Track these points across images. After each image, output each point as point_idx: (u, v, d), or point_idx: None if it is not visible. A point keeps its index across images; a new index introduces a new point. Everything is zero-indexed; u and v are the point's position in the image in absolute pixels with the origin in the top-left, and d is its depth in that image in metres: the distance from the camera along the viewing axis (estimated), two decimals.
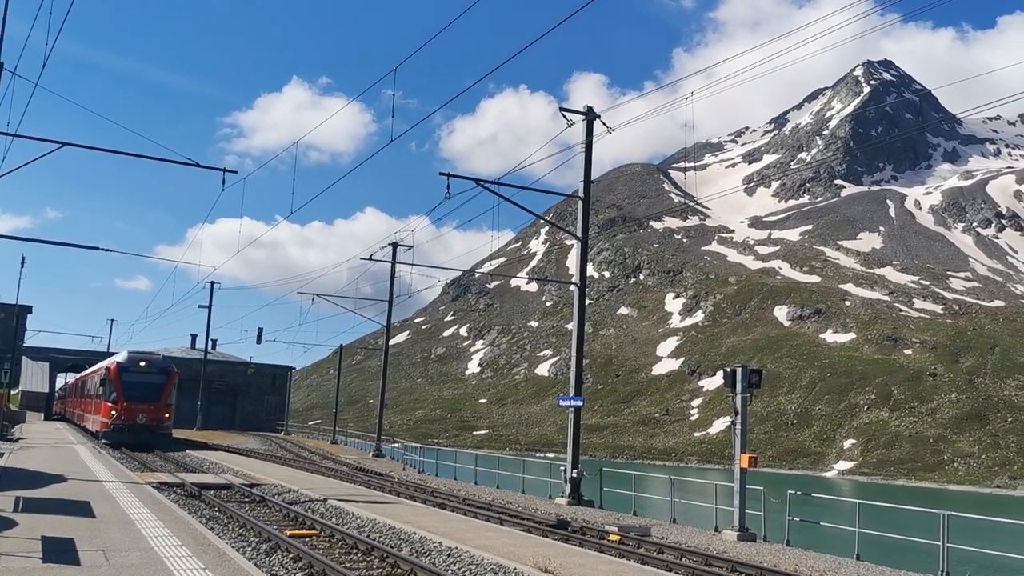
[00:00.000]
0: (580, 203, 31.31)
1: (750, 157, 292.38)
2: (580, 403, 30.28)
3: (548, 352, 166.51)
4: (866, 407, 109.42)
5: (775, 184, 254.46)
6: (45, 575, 10.28)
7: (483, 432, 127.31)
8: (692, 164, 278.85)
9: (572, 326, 31.39)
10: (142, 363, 43.38)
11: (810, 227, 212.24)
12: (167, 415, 43.44)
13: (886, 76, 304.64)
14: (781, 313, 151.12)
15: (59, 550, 11.92)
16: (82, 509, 16.48)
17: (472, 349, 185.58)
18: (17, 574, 10.22)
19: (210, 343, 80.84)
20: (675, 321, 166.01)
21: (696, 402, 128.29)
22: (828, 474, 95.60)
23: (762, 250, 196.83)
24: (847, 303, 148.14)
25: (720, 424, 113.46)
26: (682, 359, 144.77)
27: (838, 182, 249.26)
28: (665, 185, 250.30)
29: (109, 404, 41.84)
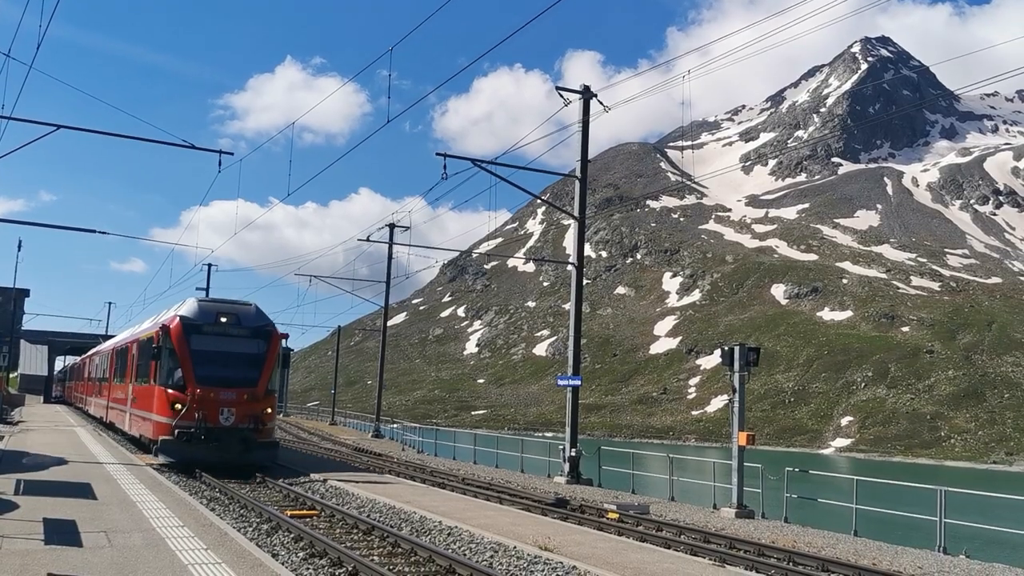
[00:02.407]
0: (577, 183, 31.24)
1: (747, 135, 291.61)
2: (578, 382, 30.32)
3: (546, 332, 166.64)
4: (863, 384, 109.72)
5: (772, 162, 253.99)
6: (47, 557, 10.32)
7: (481, 412, 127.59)
8: (689, 143, 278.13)
9: (570, 306, 31.39)
10: (224, 318, 24.38)
11: (807, 205, 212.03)
12: (269, 410, 24.29)
13: (883, 53, 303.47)
14: (778, 291, 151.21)
15: (61, 532, 11.97)
16: (83, 491, 16.53)
17: (470, 330, 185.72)
18: (19, 556, 10.26)
19: None
20: (672, 300, 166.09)
21: (694, 381, 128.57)
22: (825, 451, 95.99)
23: (759, 228, 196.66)
24: (844, 281, 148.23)
25: (718, 402, 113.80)
26: (679, 338, 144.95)
27: (835, 160, 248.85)
28: (662, 164, 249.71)
29: (168, 392, 23.33)
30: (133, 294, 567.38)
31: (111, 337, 58.31)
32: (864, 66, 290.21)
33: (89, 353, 54.38)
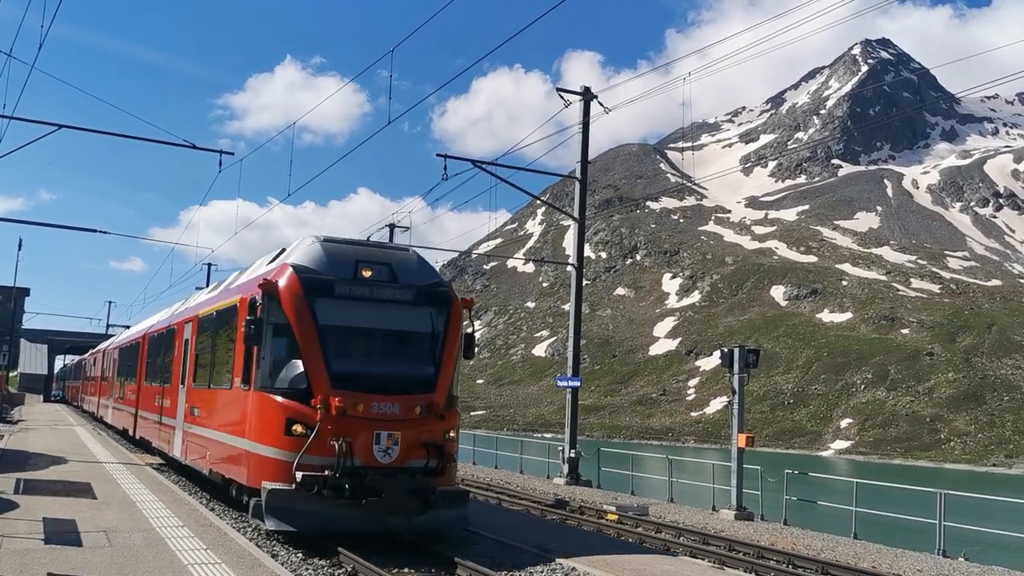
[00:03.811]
0: (577, 184, 31.26)
1: (747, 137, 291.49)
2: (578, 383, 30.34)
3: (545, 333, 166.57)
4: (863, 386, 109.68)
5: (772, 164, 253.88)
6: (47, 557, 10.32)
7: (480, 412, 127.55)
8: (689, 144, 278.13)
9: (569, 307, 31.41)
10: (369, 270, 14.18)
11: (807, 207, 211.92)
12: (453, 434, 14.07)
13: (884, 55, 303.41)
14: (778, 293, 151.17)
15: (61, 532, 11.97)
16: (83, 490, 16.53)
17: (470, 330, 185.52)
18: (19, 556, 10.26)
19: None
20: (672, 301, 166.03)
21: (693, 382, 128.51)
22: (825, 453, 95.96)
23: (759, 230, 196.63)
24: (844, 283, 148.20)
25: (717, 404, 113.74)
26: (679, 339, 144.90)
27: (835, 162, 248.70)
28: (662, 165, 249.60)
29: (277, 401, 13.25)
30: (133, 293, 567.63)
31: (110, 337, 57.34)
32: (864, 68, 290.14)
33: (104, 346, 45.61)
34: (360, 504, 12.35)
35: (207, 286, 39.29)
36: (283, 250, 15.74)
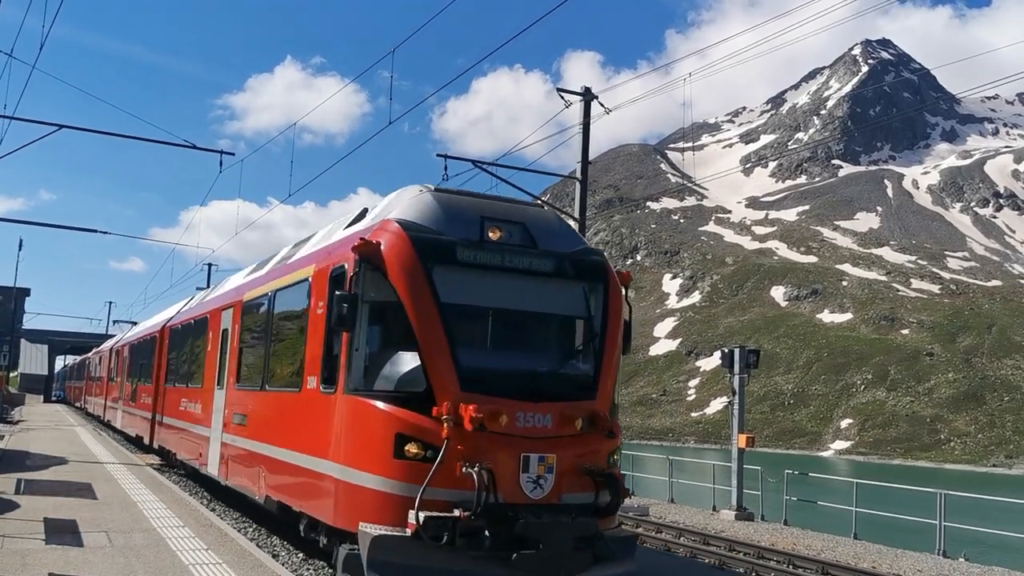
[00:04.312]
0: (577, 184, 31.27)
1: (747, 137, 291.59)
2: None
3: None
4: (863, 387, 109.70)
5: (772, 164, 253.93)
6: (48, 557, 10.33)
7: None
8: (689, 144, 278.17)
9: None
10: (497, 231, 10.14)
11: (807, 207, 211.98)
12: (617, 456, 10.14)
13: (884, 55, 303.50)
14: (778, 293, 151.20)
15: (62, 532, 11.97)
16: (84, 491, 16.53)
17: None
18: (20, 556, 10.26)
19: None
20: (672, 302, 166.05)
21: (693, 382, 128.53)
22: (825, 454, 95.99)
23: (759, 230, 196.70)
24: (844, 283, 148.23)
25: (717, 404, 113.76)
26: (679, 340, 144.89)
27: (835, 162, 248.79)
28: (662, 165, 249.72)
29: (379, 408, 9.28)
30: (133, 293, 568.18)
31: (111, 337, 56.71)
32: (865, 68, 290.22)
33: (111, 343, 41.94)
34: (509, 560, 8.62)
35: (208, 286, 37.44)
36: (364, 211, 12.20)
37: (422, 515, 8.52)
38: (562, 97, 30.55)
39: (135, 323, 48.87)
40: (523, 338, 10.52)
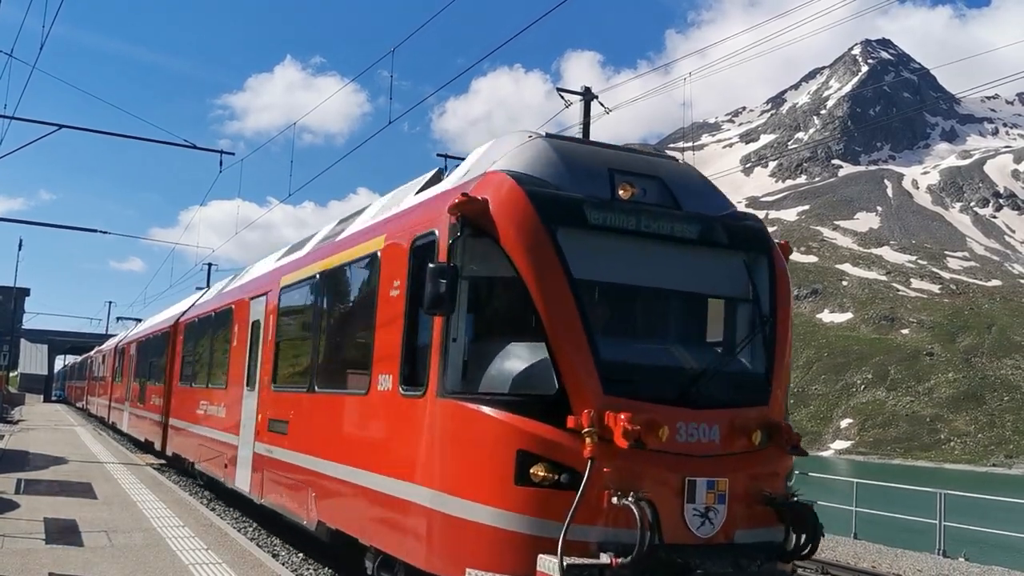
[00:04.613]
0: None
1: (747, 137, 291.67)
2: None
3: None
4: (863, 387, 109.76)
5: (772, 164, 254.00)
6: (48, 557, 10.32)
7: None
8: (689, 144, 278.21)
9: None
10: (629, 188, 7.74)
11: (807, 207, 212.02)
12: (791, 471, 7.95)
13: (884, 55, 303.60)
14: None
15: (62, 532, 11.96)
16: (84, 490, 16.52)
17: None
18: (20, 556, 10.26)
19: None
20: None
21: None
22: (825, 453, 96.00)
23: None
24: (844, 283, 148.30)
25: None
26: None
27: (835, 162, 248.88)
28: None
29: (493, 418, 6.96)
30: (133, 293, 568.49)
31: (111, 337, 56.30)
32: (864, 68, 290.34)
33: (115, 341, 40.24)
34: None
35: (208, 286, 35.66)
36: (439, 173, 10.45)
37: (565, 562, 6.29)
38: (562, 97, 30.55)
39: (139, 320, 46.76)
40: (674, 325, 8.42)
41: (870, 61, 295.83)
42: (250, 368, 14.31)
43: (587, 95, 30.75)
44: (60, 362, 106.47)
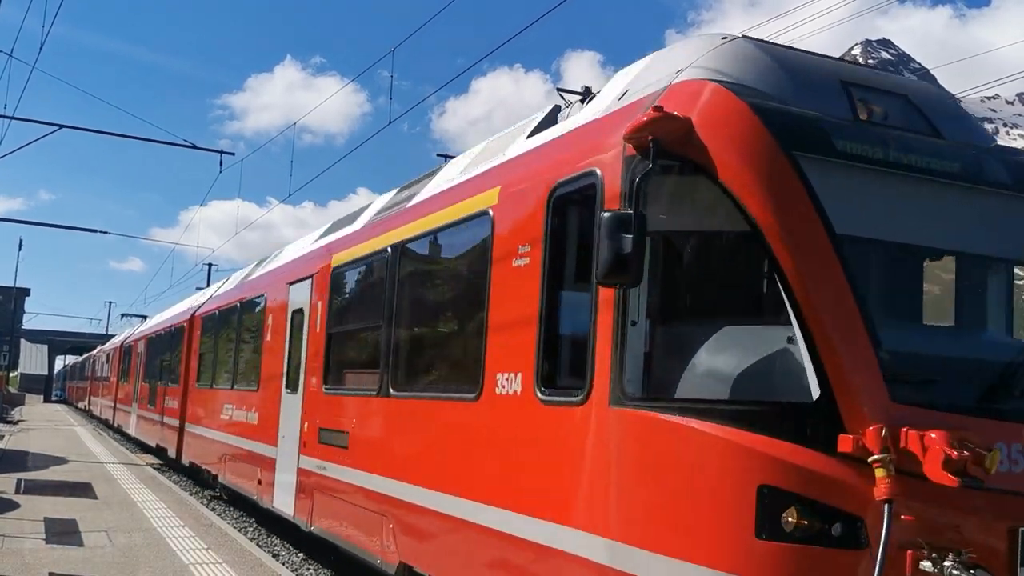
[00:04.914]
0: None
1: None
2: None
3: None
4: None
5: None
6: (49, 556, 10.33)
7: None
8: None
9: None
10: (871, 105, 5.47)
11: None
12: None
13: (884, 55, 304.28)
14: None
15: (62, 532, 11.98)
16: (84, 490, 16.54)
17: None
18: (21, 556, 10.27)
19: None
20: None
21: None
22: None
23: None
24: None
25: None
26: None
27: None
28: None
29: (717, 439, 4.64)
30: (133, 293, 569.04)
31: (111, 337, 56.27)
32: None
33: (121, 338, 37.89)
34: None
35: (208, 285, 33.09)
36: (555, 109, 8.44)
37: None
38: (562, 97, 30.49)
39: (145, 317, 43.93)
40: (968, 303, 6.18)
41: (870, 61, 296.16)
42: (290, 366, 12.13)
43: (587, 95, 30.80)
44: (60, 362, 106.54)
